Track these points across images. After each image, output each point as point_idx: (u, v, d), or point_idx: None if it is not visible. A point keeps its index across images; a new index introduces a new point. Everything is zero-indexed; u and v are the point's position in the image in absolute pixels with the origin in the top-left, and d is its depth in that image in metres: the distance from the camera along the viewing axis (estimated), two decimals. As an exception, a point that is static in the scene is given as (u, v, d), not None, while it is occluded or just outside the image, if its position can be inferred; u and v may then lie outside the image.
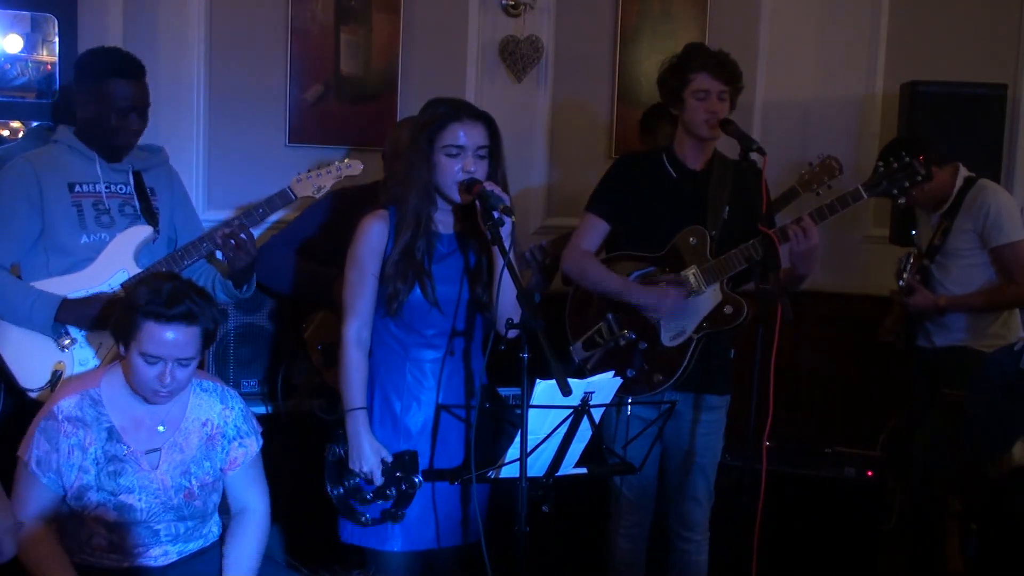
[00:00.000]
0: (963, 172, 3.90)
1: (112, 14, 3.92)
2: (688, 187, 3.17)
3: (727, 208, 3.14)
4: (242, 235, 3.01)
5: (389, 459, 2.72)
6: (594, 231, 3.27)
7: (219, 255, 3.10)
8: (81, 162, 3.05)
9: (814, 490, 3.87)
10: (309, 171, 3.20)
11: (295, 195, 3.17)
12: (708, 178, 3.17)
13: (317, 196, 3.21)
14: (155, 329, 2.48)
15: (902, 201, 3.15)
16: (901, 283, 3.89)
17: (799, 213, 3.30)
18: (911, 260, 3.87)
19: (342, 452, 2.77)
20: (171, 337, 2.49)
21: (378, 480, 2.70)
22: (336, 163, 3.22)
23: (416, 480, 2.70)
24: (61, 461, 2.54)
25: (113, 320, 2.58)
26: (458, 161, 2.66)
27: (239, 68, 4.19)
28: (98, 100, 3.01)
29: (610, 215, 3.25)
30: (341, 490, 2.77)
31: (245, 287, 3.16)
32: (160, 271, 2.97)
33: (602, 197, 3.30)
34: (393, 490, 2.71)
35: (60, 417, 2.55)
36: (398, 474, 2.70)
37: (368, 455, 2.70)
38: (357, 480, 2.74)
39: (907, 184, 3.07)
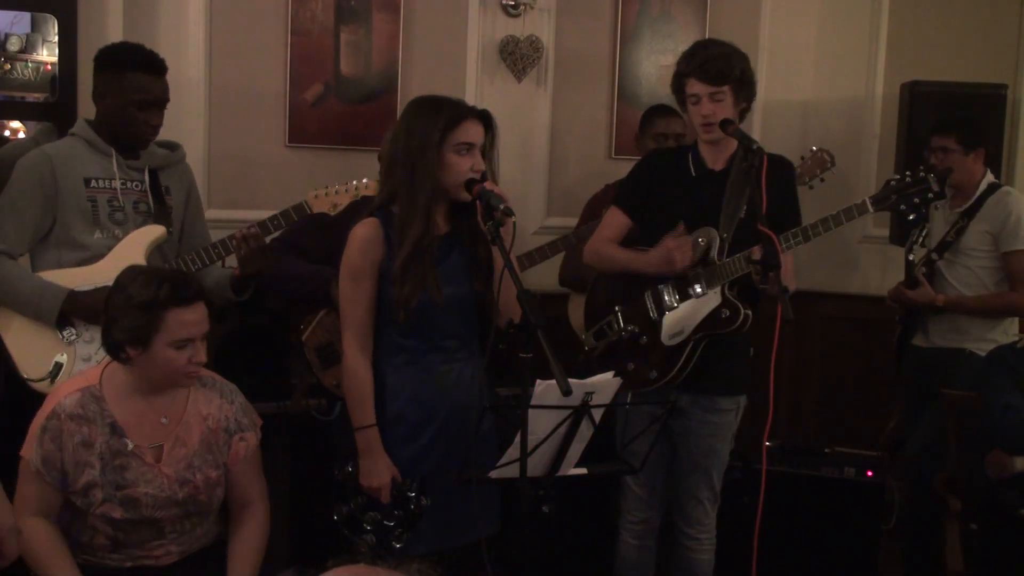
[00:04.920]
0: (989, 176, 3.92)
1: (112, 14, 3.92)
2: (707, 187, 3.16)
3: (744, 208, 3.12)
4: (257, 241, 3.04)
5: (399, 478, 2.71)
6: (615, 224, 3.29)
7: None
8: (98, 157, 3.05)
9: (814, 490, 3.86)
10: (327, 188, 3.17)
11: (311, 210, 3.14)
12: (727, 178, 3.16)
13: (332, 213, 3.18)
14: (180, 314, 2.51)
15: (912, 217, 3.11)
16: (910, 257, 3.89)
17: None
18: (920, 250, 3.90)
19: (352, 470, 2.76)
20: (195, 317, 2.54)
21: (386, 499, 2.70)
22: (354, 182, 3.18)
23: (424, 503, 2.70)
24: (67, 460, 2.53)
25: (120, 328, 2.52)
26: (468, 159, 2.65)
27: (239, 68, 4.19)
28: (118, 92, 3.01)
29: (631, 209, 3.27)
30: (347, 511, 2.76)
31: (241, 291, 3.19)
32: (131, 268, 2.94)
33: (627, 191, 3.33)
34: (399, 511, 2.70)
35: (63, 416, 2.54)
36: (409, 495, 2.70)
37: (380, 471, 2.69)
38: (365, 502, 2.73)
39: (917, 200, 3.03)
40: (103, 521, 2.57)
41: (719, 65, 3.08)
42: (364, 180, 3.18)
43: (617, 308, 3.24)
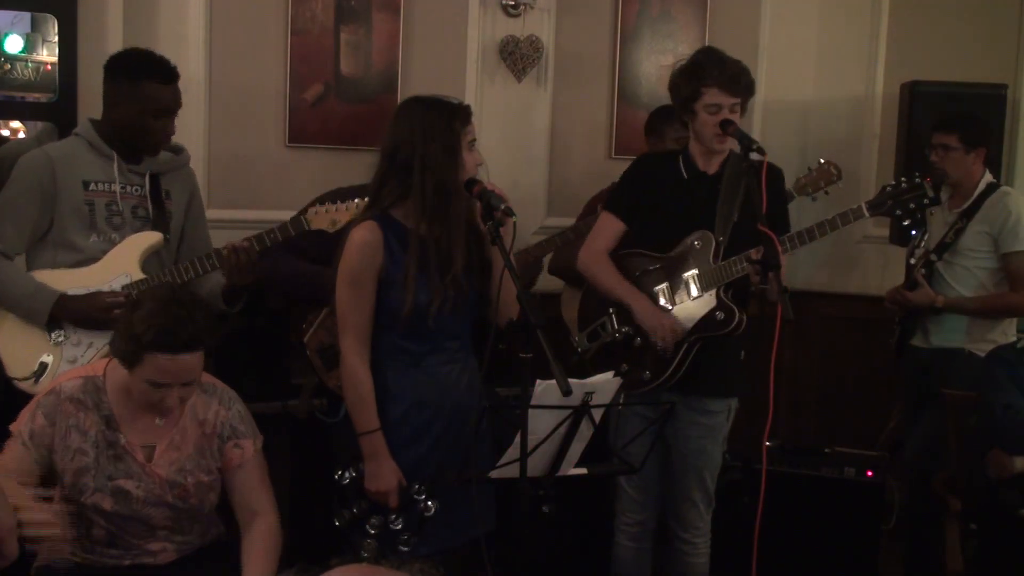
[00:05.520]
0: (988, 176, 3.92)
1: (112, 14, 3.92)
2: (701, 190, 3.17)
3: (738, 211, 3.12)
4: (246, 255, 2.99)
5: (405, 482, 2.71)
6: (609, 231, 3.28)
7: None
8: (99, 160, 3.05)
9: (814, 490, 3.86)
10: (326, 205, 3.15)
11: (309, 225, 3.11)
12: (720, 181, 3.16)
13: (331, 231, 3.15)
14: (162, 361, 2.45)
15: (906, 223, 3.13)
16: (912, 261, 3.89)
17: (794, 217, 3.30)
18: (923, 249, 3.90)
19: (355, 474, 2.75)
20: (175, 367, 2.47)
21: (393, 503, 2.69)
22: (355, 201, 3.17)
23: (433, 506, 2.70)
24: (56, 439, 2.53)
25: (115, 342, 2.53)
26: (474, 155, 2.67)
27: (239, 68, 4.19)
28: (134, 101, 3.00)
29: (625, 214, 3.26)
30: (348, 516, 2.75)
31: (232, 303, 3.16)
32: (160, 286, 2.93)
33: (618, 195, 3.32)
34: (407, 515, 2.70)
35: (62, 396, 2.54)
36: (416, 498, 2.70)
37: (387, 476, 2.69)
38: (368, 504, 2.73)
39: (912, 206, 3.04)
40: (95, 512, 2.57)
41: (745, 78, 3.10)
42: (367, 200, 3.15)
43: (611, 309, 3.24)
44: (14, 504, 2.21)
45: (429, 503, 2.70)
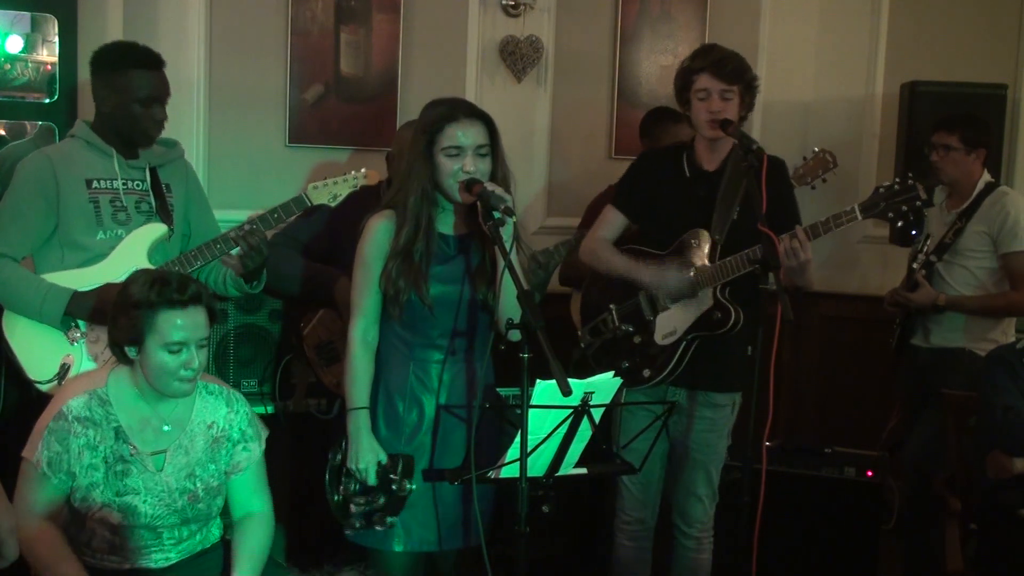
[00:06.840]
0: (986, 176, 3.92)
1: (112, 14, 3.93)
2: (701, 188, 3.18)
3: (738, 209, 3.13)
4: (255, 237, 3.04)
5: (384, 460, 2.72)
6: (612, 223, 3.32)
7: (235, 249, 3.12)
8: (99, 158, 3.06)
9: (814, 490, 3.87)
10: (326, 179, 3.18)
11: (311, 202, 3.15)
12: (720, 179, 3.16)
13: (332, 204, 3.19)
14: (174, 316, 2.49)
15: (900, 224, 3.12)
16: (914, 265, 3.90)
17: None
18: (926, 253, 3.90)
19: (342, 457, 2.77)
20: (187, 320, 2.51)
21: (371, 480, 2.71)
22: (353, 172, 3.20)
23: (408, 486, 2.71)
24: (72, 461, 2.52)
25: (118, 328, 2.54)
26: (458, 161, 2.66)
27: (239, 68, 4.19)
28: (121, 92, 3.02)
29: (627, 209, 3.30)
30: (338, 497, 2.77)
31: (255, 283, 3.19)
32: (142, 269, 2.95)
33: (622, 191, 3.35)
34: (384, 496, 2.71)
35: (70, 417, 2.53)
36: (391, 476, 2.70)
37: (365, 453, 2.71)
38: (353, 484, 2.74)
39: (905, 208, 3.04)
40: (101, 525, 2.57)
41: (734, 64, 3.11)
42: (363, 170, 3.20)
43: (611, 306, 3.27)
44: None
45: (405, 483, 2.70)
